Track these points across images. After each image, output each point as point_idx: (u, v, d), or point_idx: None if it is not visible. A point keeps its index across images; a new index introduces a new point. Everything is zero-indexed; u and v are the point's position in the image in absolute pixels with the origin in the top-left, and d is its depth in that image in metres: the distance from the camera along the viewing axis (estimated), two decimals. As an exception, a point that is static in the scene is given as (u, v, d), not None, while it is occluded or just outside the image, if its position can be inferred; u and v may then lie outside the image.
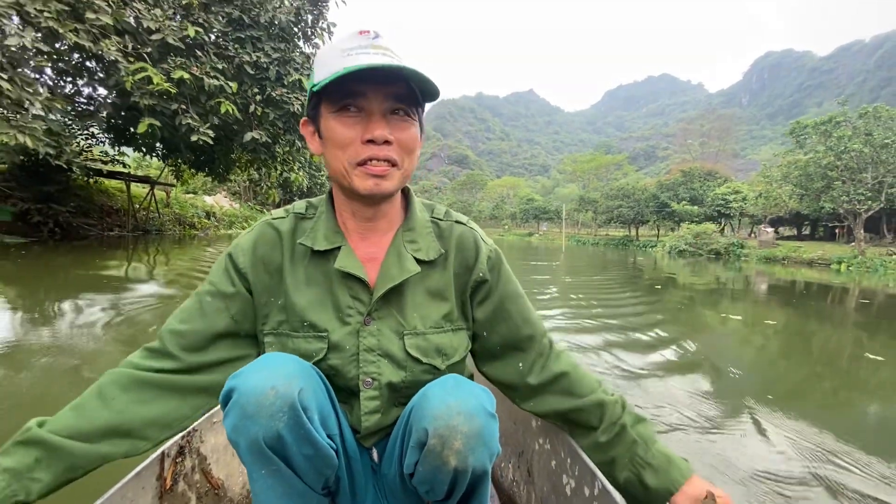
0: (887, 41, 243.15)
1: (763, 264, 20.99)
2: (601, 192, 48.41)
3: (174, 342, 0.79)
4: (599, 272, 12.95)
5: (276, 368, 0.68)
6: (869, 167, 20.24)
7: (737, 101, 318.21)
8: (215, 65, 7.98)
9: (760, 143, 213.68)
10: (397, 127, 0.75)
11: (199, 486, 1.06)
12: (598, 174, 67.61)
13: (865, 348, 4.69)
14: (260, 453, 0.67)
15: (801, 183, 22.48)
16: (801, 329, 5.76)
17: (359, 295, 0.82)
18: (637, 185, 42.97)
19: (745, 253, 25.39)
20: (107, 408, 0.73)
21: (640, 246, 36.02)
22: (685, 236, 27.98)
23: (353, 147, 0.74)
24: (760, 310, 7.19)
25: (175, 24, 7.55)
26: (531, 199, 66.64)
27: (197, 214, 17.94)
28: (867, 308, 7.92)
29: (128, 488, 0.83)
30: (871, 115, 20.50)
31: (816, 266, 20.69)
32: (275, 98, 9.08)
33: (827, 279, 13.78)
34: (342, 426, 0.82)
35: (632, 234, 44.06)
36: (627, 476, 0.85)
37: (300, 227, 0.86)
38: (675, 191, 37.77)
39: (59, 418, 0.71)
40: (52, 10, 6.07)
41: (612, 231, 54.82)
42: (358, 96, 0.72)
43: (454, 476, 0.69)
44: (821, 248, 23.72)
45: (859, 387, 3.48)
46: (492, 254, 0.90)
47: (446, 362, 0.85)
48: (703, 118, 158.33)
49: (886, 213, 25.69)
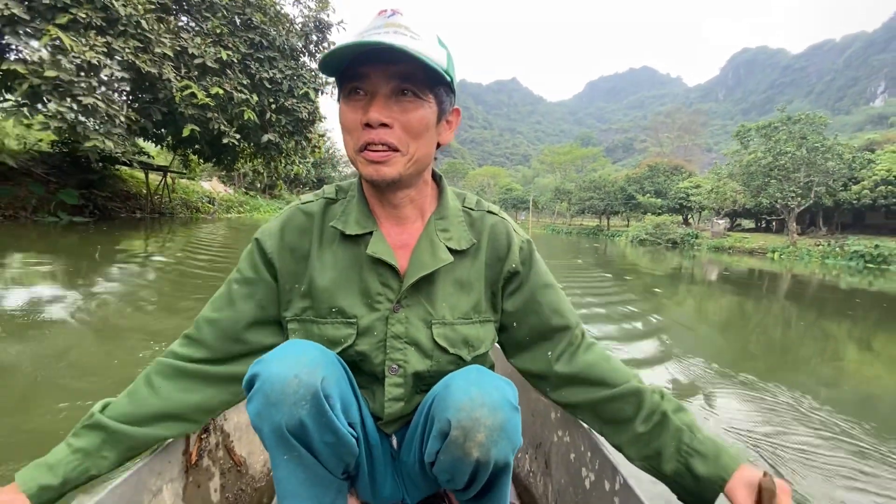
0: (856, 41, 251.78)
1: (712, 253, 23.46)
2: (576, 183, 50.96)
3: (208, 331, 0.83)
4: (561, 256, 15.12)
5: (299, 356, 0.69)
6: (801, 168, 22.90)
7: (713, 96, 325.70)
8: (241, 80, 9.94)
9: (734, 138, 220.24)
10: (402, 108, 0.72)
11: (222, 462, 1.09)
12: (576, 165, 69.87)
13: (741, 300, 7.03)
14: (283, 439, 0.69)
15: (744, 180, 25.14)
16: (706, 294, 8.11)
17: (389, 282, 0.82)
18: (608, 178, 45.63)
19: (698, 242, 28.08)
20: (155, 396, 0.79)
21: (609, 235, 38.67)
22: (646, 226, 30.59)
23: (357, 132, 0.73)
24: (681, 283, 9.57)
25: (211, 49, 9.44)
26: (510, 189, 69.03)
27: (201, 199, 19.80)
28: (771, 283, 10.48)
29: (156, 462, 0.86)
30: (804, 121, 23.15)
31: (756, 254, 23.11)
32: (286, 107, 11.08)
33: (759, 265, 16.03)
34: (363, 414, 0.83)
35: (603, 224, 46.84)
36: (675, 467, 0.79)
37: (330, 210, 0.86)
38: (642, 184, 40.48)
39: (116, 405, 0.79)
40: (130, 47, 8.09)
41: (586, 221, 57.43)
42: (362, 78, 0.71)
43: (476, 467, 0.69)
44: (763, 239, 26.65)
45: (726, 324, 5.75)
46: (524, 244, 0.89)
47: (472, 353, 0.85)
48: (678, 112, 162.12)
49: (822, 209, 28.70)
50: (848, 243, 21.10)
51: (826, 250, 21.30)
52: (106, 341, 3.00)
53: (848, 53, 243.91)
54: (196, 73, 9.30)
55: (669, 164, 43.22)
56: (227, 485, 1.10)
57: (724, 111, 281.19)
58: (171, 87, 8.76)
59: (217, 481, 1.06)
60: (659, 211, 35.91)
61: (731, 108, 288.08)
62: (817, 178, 22.79)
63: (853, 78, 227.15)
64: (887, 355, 4.47)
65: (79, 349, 2.79)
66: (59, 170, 11.28)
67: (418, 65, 0.68)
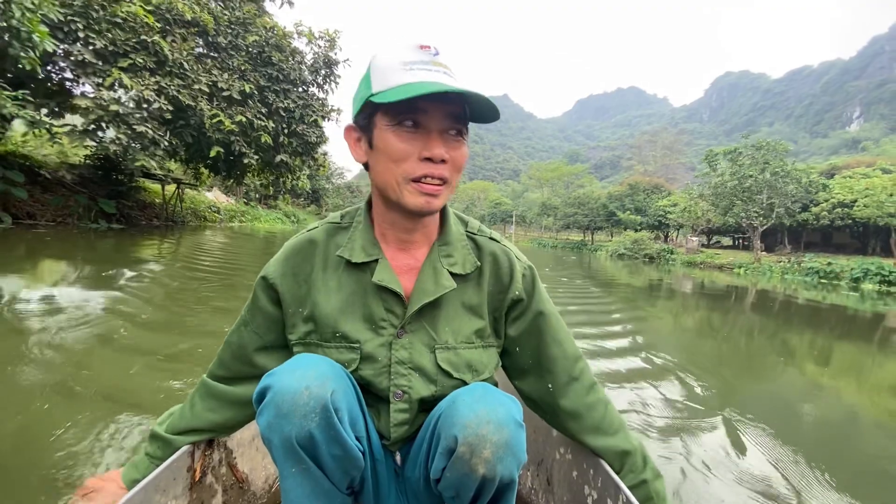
0: (832, 68, 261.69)
1: (685, 267, 25.13)
2: (562, 199, 53.02)
3: (227, 352, 0.93)
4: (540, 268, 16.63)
5: (309, 369, 0.72)
6: (764, 190, 24.89)
7: (698, 117, 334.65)
8: (259, 109, 11.55)
9: (703, 161, 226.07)
10: (451, 146, 0.76)
11: (224, 479, 1.11)
12: (565, 181, 71.84)
13: (702, 307, 8.58)
14: (292, 452, 0.70)
15: (713, 201, 27.15)
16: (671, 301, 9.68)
17: (393, 308, 0.83)
18: (591, 195, 47.74)
19: (673, 258, 29.92)
20: (191, 412, 0.93)
21: (592, 249, 40.52)
22: (624, 242, 32.45)
23: (409, 163, 0.75)
24: (650, 292, 11.12)
25: (236, 83, 11.02)
26: (499, 203, 71.10)
27: (208, 209, 21.19)
28: (733, 294, 11.73)
29: (160, 478, 0.88)
30: (766, 147, 25.25)
31: (725, 269, 24.78)
32: (297, 132, 12.70)
33: (726, 279, 17.15)
34: (369, 429, 0.84)
35: (587, 238, 48.83)
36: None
37: (335, 236, 0.88)
38: (623, 201, 42.56)
39: (171, 417, 0.96)
40: (175, 85, 9.63)
41: (572, 235, 59.46)
42: (419, 112, 0.73)
43: (481, 484, 0.70)
44: (733, 256, 28.60)
45: (689, 328, 7.27)
46: (526, 272, 0.90)
47: (476, 378, 0.85)
48: (664, 132, 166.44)
49: (787, 229, 30.80)
50: (805, 260, 23.04)
51: (786, 267, 23.10)
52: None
53: (825, 80, 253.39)
54: (224, 104, 10.90)
55: (650, 183, 45.27)
56: (229, 502, 1.12)
57: (709, 131, 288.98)
58: (203, 114, 10.30)
59: (220, 498, 1.08)
60: (638, 227, 37.89)
61: (714, 128, 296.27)
62: (777, 200, 24.79)
63: (830, 103, 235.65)
64: (788, 353, 5.97)
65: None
66: (92, 181, 12.67)
67: (464, 107, 0.75)
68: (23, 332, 2.85)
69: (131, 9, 9.18)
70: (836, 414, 3.09)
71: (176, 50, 10.04)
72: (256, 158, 11.92)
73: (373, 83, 0.75)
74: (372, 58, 0.78)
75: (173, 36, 10.23)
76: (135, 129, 8.96)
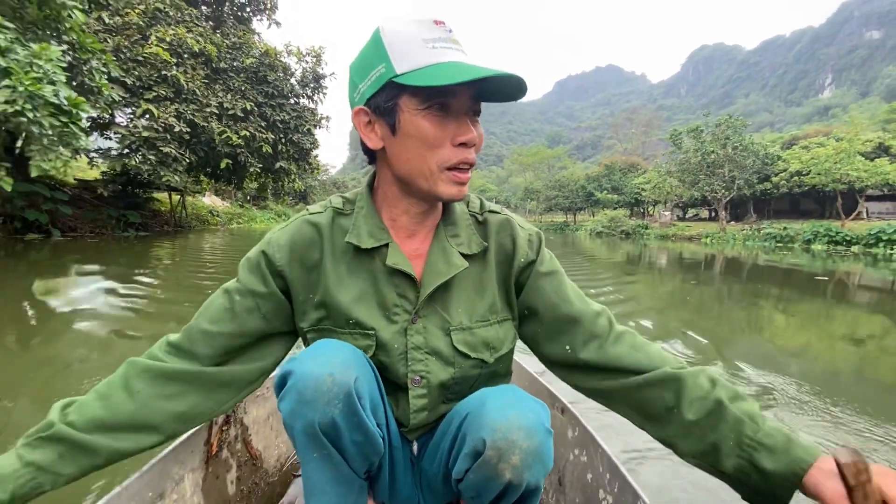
0: (804, 36, 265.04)
1: (659, 240, 26.77)
2: (543, 182, 54.81)
3: (203, 343, 0.78)
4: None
5: (332, 355, 0.71)
6: (725, 165, 26.83)
7: (676, 92, 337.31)
8: (260, 123, 13.20)
9: (667, 140, 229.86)
10: (476, 128, 0.74)
11: (239, 455, 1.12)
12: (547, 164, 73.37)
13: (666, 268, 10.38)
14: (314, 438, 0.70)
15: (679, 177, 29.09)
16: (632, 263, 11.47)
17: (406, 293, 0.82)
18: (571, 177, 49.63)
19: (647, 232, 31.85)
20: (132, 401, 0.72)
21: (573, 230, 42.49)
22: (601, 220, 34.37)
23: (445, 149, 0.72)
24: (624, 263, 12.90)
25: (239, 102, 12.63)
26: (484, 189, 72.81)
27: (209, 213, 22.68)
28: (693, 259, 13.41)
29: (179, 450, 0.90)
30: (725, 123, 27.09)
31: (694, 240, 26.43)
32: (293, 140, 14.37)
33: (694, 248, 18.65)
34: (388, 416, 0.83)
35: (569, 219, 50.79)
36: (737, 463, 0.69)
37: (338, 222, 0.84)
38: (600, 182, 44.50)
39: (83, 408, 0.70)
40: (190, 109, 11.26)
41: (556, 217, 61.32)
42: (450, 95, 0.70)
43: (505, 489, 0.69)
44: (703, 227, 30.59)
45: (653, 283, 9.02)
46: (532, 237, 0.89)
47: (494, 355, 0.84)
48: (643, 109, 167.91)
49: (753, 198, 32.83)
50: (764, 227, 25.12)
51: (748, 234, 25.13)
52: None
53: (797, 48, 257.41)
54: (230, 121, 12.55)
55: (626, 163, 47.24)
56: (243, 477, 1.13)
57: (687, 106, 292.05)
58: (213, 132, 11.94)
59: (234, 473, 1.09)
60: (616, 206, 39.86)
61: (692, 102, 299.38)
62: (737, 173, 26.76)
63: (803, 71, 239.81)
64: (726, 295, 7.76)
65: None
66: (114, 196, 14.19)
67: (491, 86, 0.71)
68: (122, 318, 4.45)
69: (153, 49, 10.84)
70: (793, 345, 4.08)
71: (189, 79, 11.70)
72: (259, 166, 13.67)
73: (394, 62, 0.68)
74: (379, 30, 0.71)
75: (185, 67, 11.87)
76: (161, 150, 10.61)
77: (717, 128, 27.25)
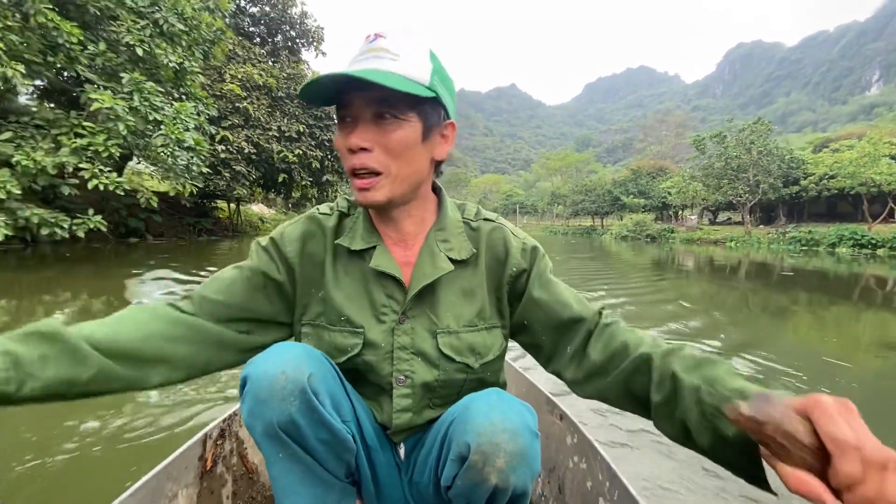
0: (849, 31, 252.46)
1: (684, 244, 27.11)
2: (570, 187, 55.34)
3: (207, 310, 0.79)
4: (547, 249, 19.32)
5: (284, 354, 0.71)
6: (749, 169, 27.04)
7: (711, 92, 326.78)
8: (310, 143, 15.28)
9: (691, 145, 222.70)
10: (382, 131, 0.73)
11: (235, 469, 1.11)
12: (576, 168, 72.89)
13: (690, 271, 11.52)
14: (275, 437, 0.70)
15: (703, 181, 29.46)
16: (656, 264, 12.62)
17: (393, 294, 0.83)
18: (598, 181, 50.06)
19: (673, 236, 32.06)
20: (137, 330, 0.72)
21: (599, 234, 42.94)
22: (626, 224, 34.89)
23: (345, 157, 0.75)
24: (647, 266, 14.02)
25: (294, 126, 14.73)
26: (511, 195, 73.85)
27: (259, 220, 25.22)
28: (719, 263, 14.03)
29: (173, 466, 0.88)
30: (749, 128, 27.33)
31: (720, 244, 26.59)
32: (338, 156, 16.26)
33: (719, 252, 18.73)
34: (358, 414, 0.83)
35: (596, 223, 51.20)
36: (709, 439, 0.60)
37: (342, 224, 0.88)
38: (626, 186, 44.77)
39: (86, 325, 0.69)
40: (256, 134, 13.40)
41: (583, 221, 61.64)
42: (348, 105, 0.73)
43: (493, 494, 0.68)
44: (728, 230, 30.67)
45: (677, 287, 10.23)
46: (525, 246, 0.89)
47: (479, 361, 0.85)
48: (677, 110, 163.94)
49: (782, 202, 32.62)
50: (789, 231, 25.31)
51: (772, 238, 25.33)
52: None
53: (842, 43, 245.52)
54: (287, 142, 14.72)
55: (653, 167, 47.06)
56: (239, 492, 1.11)
57: (723, 106, 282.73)
58: (272, 151, 14.07)
59: (230, 488, 1.07)
60: (642, 210, 40.14)
61: (728, 102, 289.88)
62: (761, 178, 26.96)
63: (848, 68, 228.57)
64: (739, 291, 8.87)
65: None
66: (190, 206, 16.52)
67: (392, 88, 0.67)
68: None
69: (229, 86, 13.13)
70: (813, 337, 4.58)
71: (255, 109, 13.96)
72: (310, 180, 15.84)
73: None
74: None
75: (252, 98, 14.13)
76: (235, 168, 12.73)
77: (741, 133, 27.51)
